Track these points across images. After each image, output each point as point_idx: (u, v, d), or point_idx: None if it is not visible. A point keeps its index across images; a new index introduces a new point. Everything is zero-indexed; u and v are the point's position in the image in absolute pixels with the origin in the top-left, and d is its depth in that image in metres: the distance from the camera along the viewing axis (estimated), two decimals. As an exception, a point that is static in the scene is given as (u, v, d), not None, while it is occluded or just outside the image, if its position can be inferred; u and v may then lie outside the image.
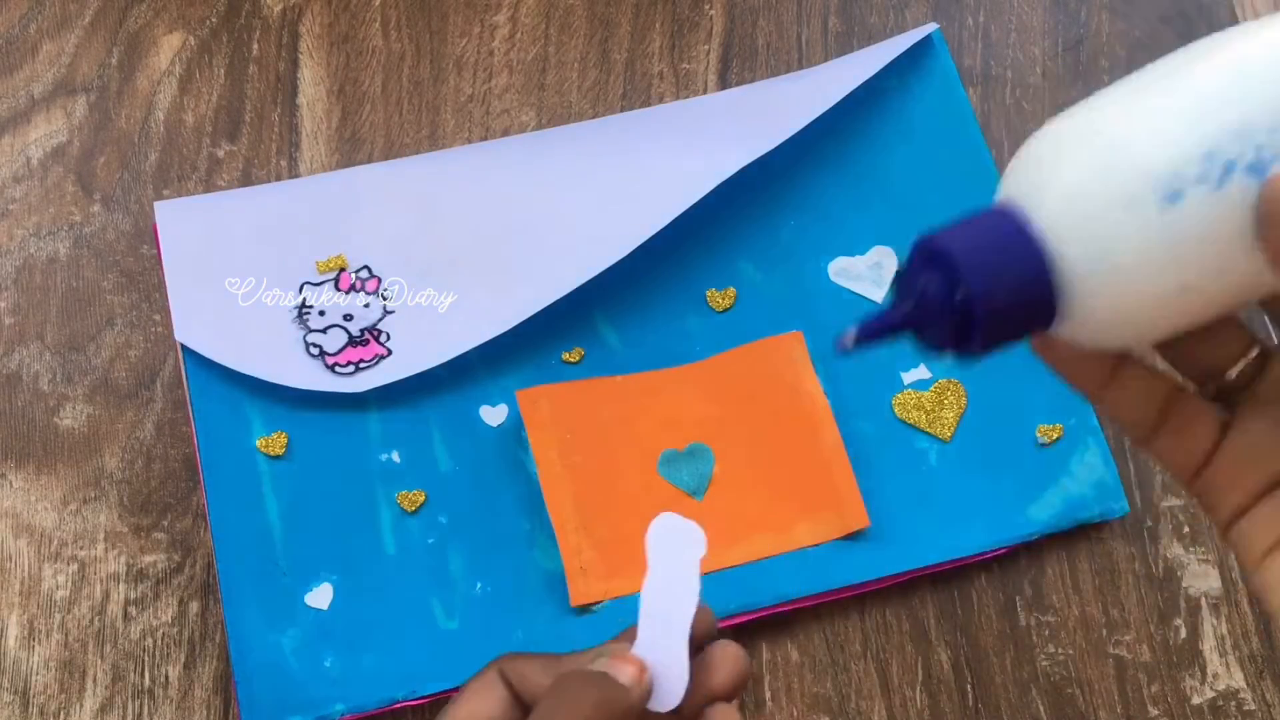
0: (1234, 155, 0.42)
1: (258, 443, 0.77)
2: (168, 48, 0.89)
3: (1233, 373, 0.50)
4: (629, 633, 0.58)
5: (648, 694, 0.55)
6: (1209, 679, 0.74)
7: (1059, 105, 0.87)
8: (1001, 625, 0.76)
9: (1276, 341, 0.50)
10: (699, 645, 0.57)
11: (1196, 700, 0.74)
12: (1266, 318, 0.50)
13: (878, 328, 0.44)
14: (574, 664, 0.56)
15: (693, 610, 0.55)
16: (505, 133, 0.87)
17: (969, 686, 0.74)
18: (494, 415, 0.78)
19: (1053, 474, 0.77)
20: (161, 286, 0.80)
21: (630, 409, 0.78)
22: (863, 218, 0.83)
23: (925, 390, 0.79)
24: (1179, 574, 0.76)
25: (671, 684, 0.55)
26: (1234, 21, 0.91)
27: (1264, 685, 0.74)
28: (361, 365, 0.78)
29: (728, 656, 0.57)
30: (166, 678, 0.74)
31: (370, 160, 0.86)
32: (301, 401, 0.78)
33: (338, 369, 0.78)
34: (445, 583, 0.75)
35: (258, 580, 0.74)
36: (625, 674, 0.54)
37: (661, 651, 0.55)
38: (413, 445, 0.77)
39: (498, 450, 0.78)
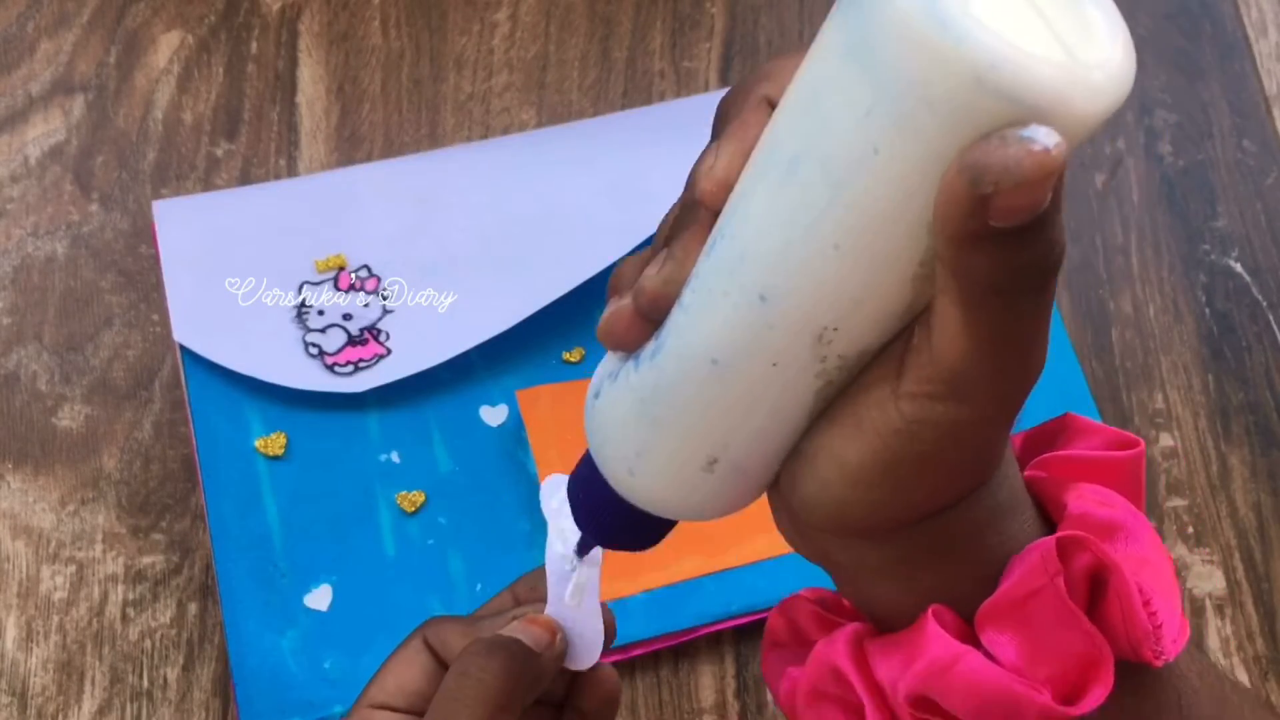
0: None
1: (256, 443, 0.76)
2: (166, 46, 0.89)
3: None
4: (530, 577, 0.57)
5: (561, 655, 0.54)
6: (1213, 680, 0.74)
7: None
8: (1005, 626, 0.75)
9: None
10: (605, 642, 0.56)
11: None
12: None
13: (582, 550, 0.54)
14: (491, 627, 0.55)
15: (599, 567, 0.55)
16: (505, 131, 0.87)
17: (972, 688, 0.74)
18: (494, 415, 0.78)
19: (1056, 474, 0.77)
20: (160, 286, 0.79)
21: (631, 409, 0.78)
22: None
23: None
24: (1183, 575, 0.76)
25: (587, 642, 0.55)
26: (1237, 17, 0.91)
27: (1269, 687, 0.74)
28: (361, 365, 0.78)
29: (605, 678, 0.57)
30: (165, 679, 0.74)
31: (370, 159, 0.86)
32: (300, 402, 0.77)
33: (337, 369, 0.78)
34: (445, 584, 0.74)
35: (257, 582, 0.74)
36: (536, 637, 0.54)
37: (573, 610, 0.55)
38: (412, 445, 0.77)
39: (498, 450, 0.77)
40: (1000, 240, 0.38)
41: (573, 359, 0.80)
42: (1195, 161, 0.87)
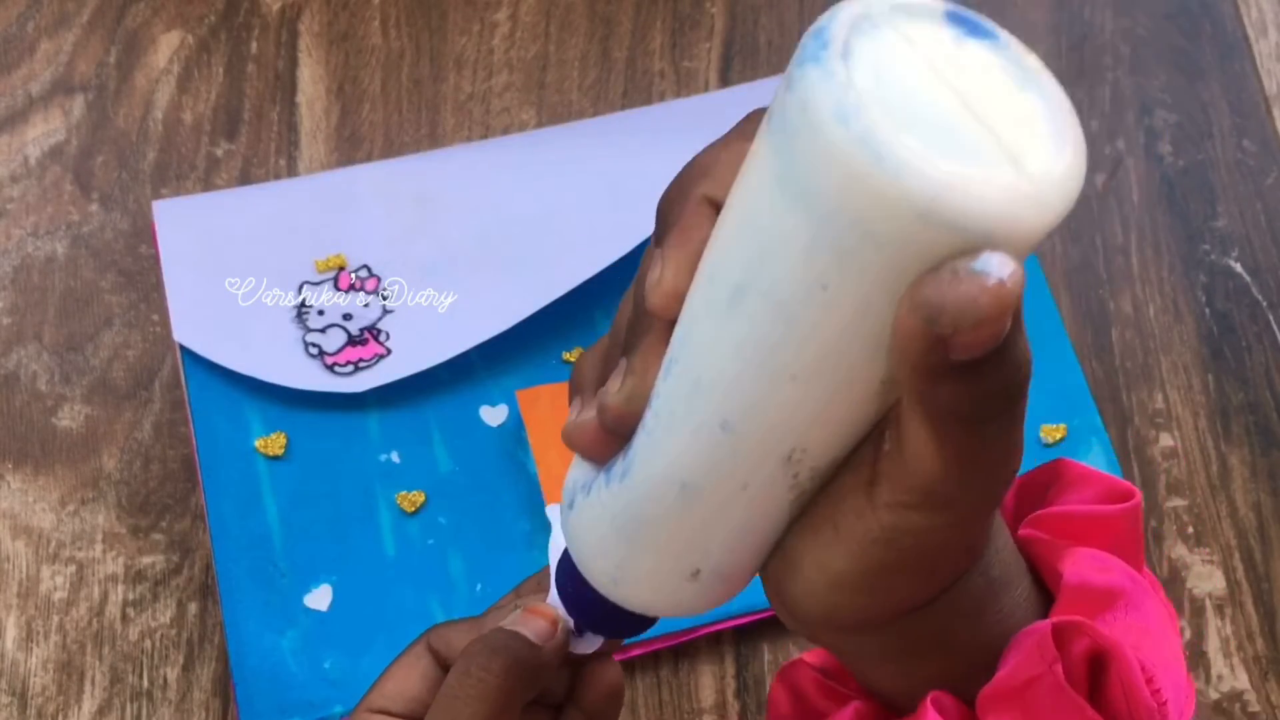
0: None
1: (256, 443, 0.76)
2: (166, 46, 0.89)
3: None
4: (536, 579, 0.57)
5: (563, 645, 0.54)
6: (1213, 680, 0.74)
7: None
8: (1005, 626, 0.75)
9: None
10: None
11: (1200, 702, 0.74)
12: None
13: (579, 631, 0.53)
14: (494, 622, 0.55)
15: None
16: (505, 131, 0.87)
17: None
18: (494, 415, 0.78)
19: (1056, 474, 0.77)
20: (160, 286, 0.79)
21: (631, 409, 0.78)
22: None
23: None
24: (1183, 575, 0.76)
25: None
26: (1237, 17, 0.90)
27: (1269, 686, 0.74)
28: (361, 365, 0.78)
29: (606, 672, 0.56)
30: (165, 679, 0.74)
31: (370, 159, 0.86)
32: (300, 401, 0.77)
33: (337, 369, 0.78)
34: (445, 584, 0.74)
35: (257, 581, 0.74)
36: (537, 629, 0.53)
37: None
38: (412, 445, 0.77)
39: (498, 450, 0.77)
40: (962, 372, 0.37)
41: (573, 359, 0.79)
42: (1195, 161, 0.87)
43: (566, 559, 0.49)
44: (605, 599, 0.48)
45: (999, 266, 0.35)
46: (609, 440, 0.44)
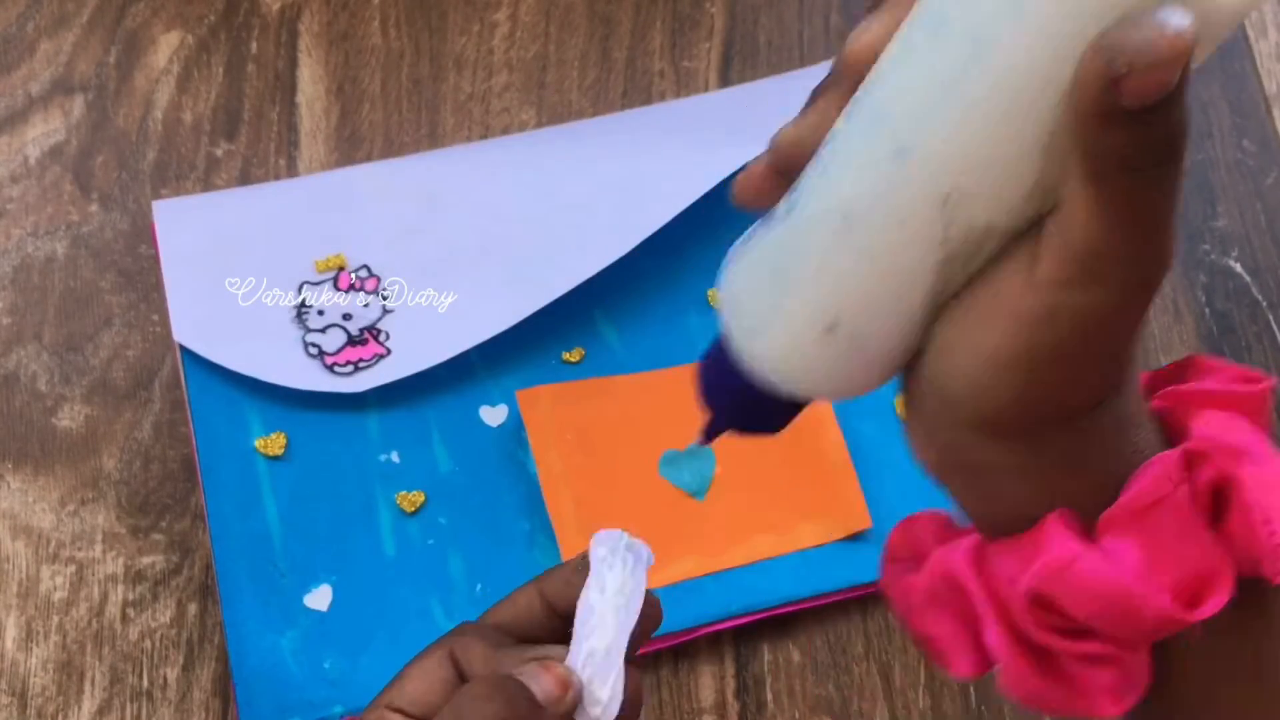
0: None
1: (256, 443, 0.76)
2: (166, 46, 0.89)
3: None
4: (561, 572, 0.56)
5: (569, 711, 0.52)
6: (1213, 680, 0.74)
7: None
8: (1005, 626, 0.75)
9: None
10: (644, 635, 0.55)
11: None
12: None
13: (709, 435, 0.53)
14: (512, 659, 0.54)
15: (632, 627, 0.53)
16: (505, 131, 0.87)
17: (972, 689, 0.74)
18: (494, 415, 0.78)
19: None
20: (160, 286, 0.80)
21: (631, 409, 0.78)
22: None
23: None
24: (1183, 574, 0.76)
25: (603, 701, 0.53)
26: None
27: (1269, 686, 0.74)
28: (360, 365, 0.78)
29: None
30: (165, 679, 0.74)
31: (369, 159, 0.86)
32: (300, 402, 0.77)
33: (336, 369, 0.78)
34: (445, 584, 0.74)
35: (257, 582, 0.74)
36: (545, 690, 0.52)
37: (595, 665, 0.53)
38: (412, 445, 0.77)
39: (498, 450, 0.77)
40: (1131, 118, 0.40)
41: (573, 359, 0.79)
42: (1195, 161, 0.87)
43: (714, 349, 0.50)
44: (739, 383, 0.49)
45: (1179, 19, 0.39)
46: (775, 181, 0.47)
